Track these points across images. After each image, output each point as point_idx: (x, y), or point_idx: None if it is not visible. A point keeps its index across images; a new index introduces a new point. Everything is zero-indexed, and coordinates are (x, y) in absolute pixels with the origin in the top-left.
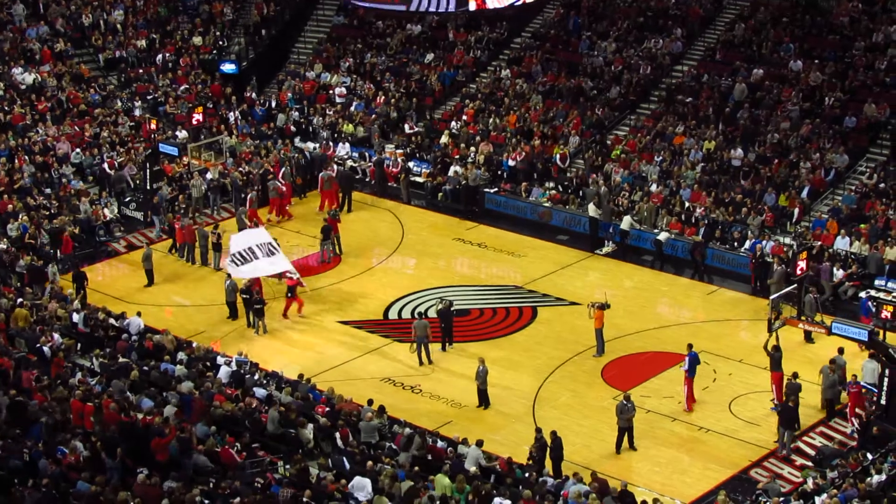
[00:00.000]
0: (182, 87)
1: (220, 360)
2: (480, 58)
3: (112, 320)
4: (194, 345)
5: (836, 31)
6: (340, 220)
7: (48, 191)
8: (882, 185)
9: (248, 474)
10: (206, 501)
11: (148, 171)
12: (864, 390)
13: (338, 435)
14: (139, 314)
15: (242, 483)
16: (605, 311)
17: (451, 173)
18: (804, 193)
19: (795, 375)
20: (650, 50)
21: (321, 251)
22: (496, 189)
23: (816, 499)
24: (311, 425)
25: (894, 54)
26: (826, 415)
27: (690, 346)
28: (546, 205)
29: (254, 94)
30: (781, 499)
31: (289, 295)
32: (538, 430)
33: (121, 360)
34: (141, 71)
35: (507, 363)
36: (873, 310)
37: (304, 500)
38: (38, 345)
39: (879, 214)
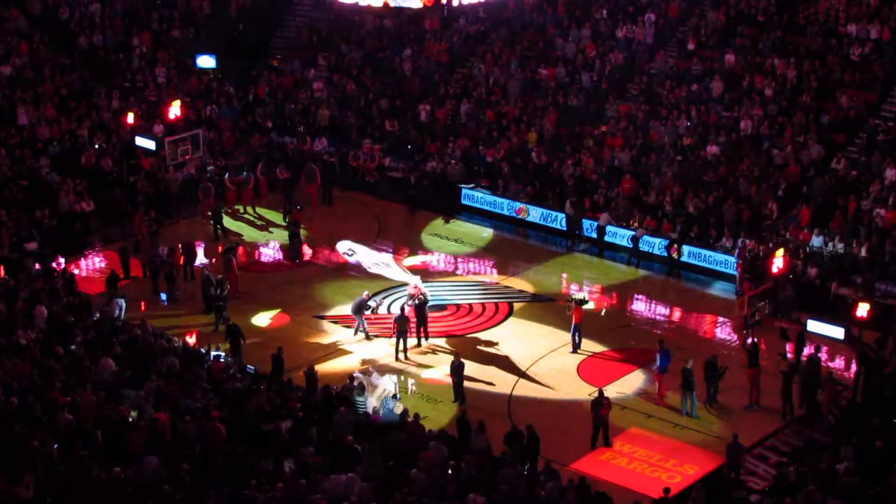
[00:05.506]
0: (159, 81)
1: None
2: (458, 52)
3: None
4: (174, 339)
5: (813, 24)
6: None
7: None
8: (854, 178)
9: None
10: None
11: (125, 164)
12: (839, 387)
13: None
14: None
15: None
16: (583, 306)
17: (428, 168)
18: (779, 190)
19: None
20: (625, 41)
21: (291, 251)
22: (473, 185)
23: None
24: (288, 420)
25: (867, 53)
26: (805, 411)
27: (661, 342)
28: (523, 201)
29: (231, 88)
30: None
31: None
32: (514, 427)
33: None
34: (125, 68)
35: (483, 358)
36: None
37: (279, 495)
38: (15, 338)
39: (852, 209)
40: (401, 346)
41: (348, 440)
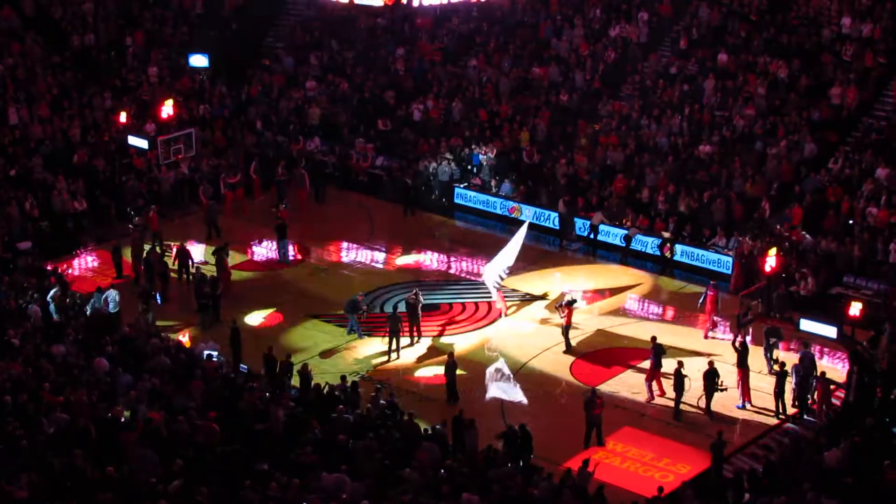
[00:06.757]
0: (152, 80)
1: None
2: (451, 51)
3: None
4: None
5: (804, 23)
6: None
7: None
8: (847, 177)
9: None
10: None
11: (117, 163)
12: (832, 386)
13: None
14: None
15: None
16: (573, 306)
17: (420, 168)
18: (772, 189)
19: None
20: (618, 39)
21: (279, 251)
22: (466, 184)
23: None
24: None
25: (859, 51)
26: (798, 411)
27: (654, 338)
28: (516, 200)
29: (224, 88)
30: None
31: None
32: (510, 427)
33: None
34: (118, 67)
35: (477, 358)
36: None
37: (272, 494)
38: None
39: (845, 208)
40: (393, 346)
41: (340, 439)
